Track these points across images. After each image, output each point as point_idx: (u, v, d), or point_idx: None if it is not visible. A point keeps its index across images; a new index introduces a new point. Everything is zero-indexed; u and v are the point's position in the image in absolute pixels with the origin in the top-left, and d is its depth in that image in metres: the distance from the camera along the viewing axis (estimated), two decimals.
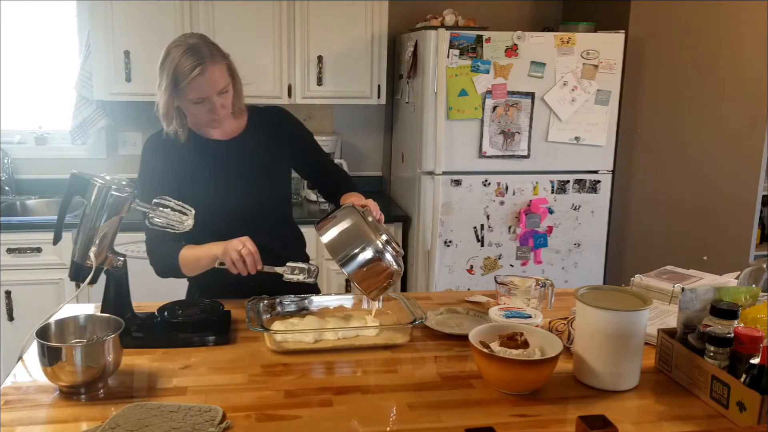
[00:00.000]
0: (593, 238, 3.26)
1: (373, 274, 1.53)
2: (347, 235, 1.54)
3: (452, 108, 3.00)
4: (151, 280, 2.89)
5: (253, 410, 1.26)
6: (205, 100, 1.69)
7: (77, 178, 1.53)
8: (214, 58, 1.68)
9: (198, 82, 1.65)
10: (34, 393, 1.32)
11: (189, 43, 1.67)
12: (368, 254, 1.51)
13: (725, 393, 1.25)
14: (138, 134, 3.52)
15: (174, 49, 1.67)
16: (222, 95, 1.71)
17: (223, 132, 1.85)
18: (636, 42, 3.24)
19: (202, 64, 1.64)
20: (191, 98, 1.69)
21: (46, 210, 3.32)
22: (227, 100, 1.73)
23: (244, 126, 1.89)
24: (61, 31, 3.43)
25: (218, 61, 1.69)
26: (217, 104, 1.70)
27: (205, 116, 1.74)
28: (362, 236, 1.53)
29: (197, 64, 1.63)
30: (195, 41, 1.68)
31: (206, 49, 1.67)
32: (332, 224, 1.57)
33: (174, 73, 1.65)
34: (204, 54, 1.65)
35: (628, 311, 1.34)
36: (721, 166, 3.43)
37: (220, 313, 1.67)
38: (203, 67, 1.64)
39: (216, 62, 1.68)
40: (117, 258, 1.56)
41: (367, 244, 1.52)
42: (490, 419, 1.25)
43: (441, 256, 3.14)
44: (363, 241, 1.52)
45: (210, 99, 1.69)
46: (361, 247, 1.51)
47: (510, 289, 1.75)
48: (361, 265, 1.51)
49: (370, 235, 1.53)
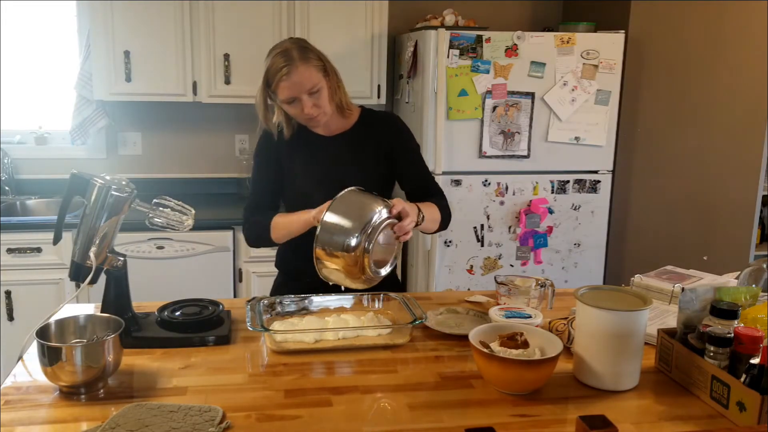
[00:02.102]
0: (593, 238, 3.26)
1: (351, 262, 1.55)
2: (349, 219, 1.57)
3: (452, 108, 3.01)
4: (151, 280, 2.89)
5: (253, 410, 1.26)
6: (296, 100, 1.77)
7: (77, 178, 1.53)
8: (305, 59, 1.75)
9: (286, 83, 1.74)
10: (34, 393, 1.32)
11: (282, 47, 1.78)
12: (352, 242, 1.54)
13: (725, 393, 1.25)
14: (138, 134, 3.53)
15: (270, 52, 1.79)
16: (313, 95, 1.77)
17: (328, 129, 1.92)
18: (636, 42, 3.24)
19: (290, 65, 1.73)
20: (282, 98, 1.78)
21: (46, 210, 3.32)
22: (320, 100, 1.78)
23: (351, 125, 1.93)
24: (61, 31, 3.43)
25: (309, 63, 1.75)
26: (308, 104, 1.77)
27: (300, 115, 1.81)
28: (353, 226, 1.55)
29: (284, 66, 1.73)
30: (288, 45, 1.78)
31: (297, 52, 1.75)
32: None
33: (266, 75, 1.78)
34: (293, 57, 1.74)
35: (628, 311, 1.34)
36: (721, 166, 3.43)
37: (220, 313, 1.67)
38: (290, 68, 1.73)
39: (306, 63, 1.75)
40: (117, 258, 1.56)
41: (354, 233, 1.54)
42: (490, 419, 1.25)
43: (441, 256, 3.14)
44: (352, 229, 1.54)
45: (300, 99, 1.76)
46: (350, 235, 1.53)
47: (510, 289, 1.75)
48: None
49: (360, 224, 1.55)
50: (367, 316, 1.68)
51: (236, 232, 3.07)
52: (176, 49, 3.13)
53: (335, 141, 1.92)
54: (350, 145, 1.92)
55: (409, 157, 1.96)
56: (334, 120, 1.90)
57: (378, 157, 1.92)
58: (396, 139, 1.94)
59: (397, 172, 1.96)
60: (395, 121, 1.98)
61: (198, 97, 3.21)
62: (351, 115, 1.93)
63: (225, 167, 3.65)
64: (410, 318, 1.60)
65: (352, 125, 1.93)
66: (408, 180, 1.98)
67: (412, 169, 1.97)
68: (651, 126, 3.36)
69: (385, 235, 1.60)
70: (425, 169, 2.00)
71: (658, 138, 3.38)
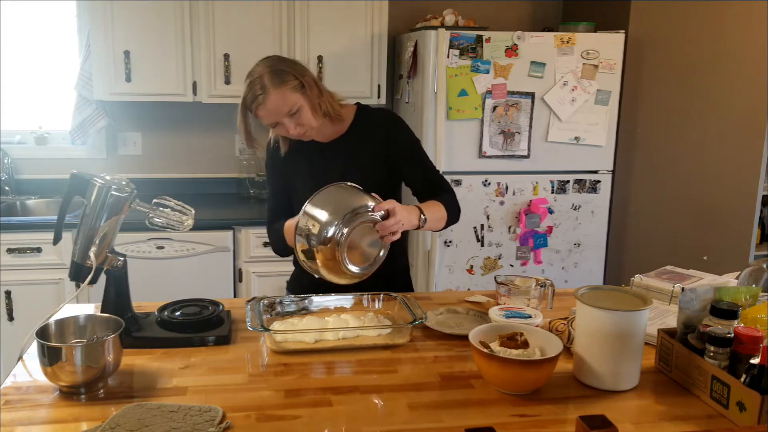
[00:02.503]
0: (593, 238, 3.26)
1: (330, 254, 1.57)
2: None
3: (452, 108, 3.01)
4: (151, 280, 2.90)
5: (253, 410, 1.26)
6: (279, 124, 1.78)
7: (77, 178, 1.53)
8: (278, 84, 1.72)
9: (263, 112, 1.74)
10: (34, 393, 1.32)
11: (255, 74, 1.75)
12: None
13: (725, 393, 1.25)
14: (138, 134, 3.53)
15: (246, 79, 1.77)
16: (294, 116, 1.76)
17: (323, 135, 1.91)
18: (636, 42, 3.24)
19: (263, 93, 1.72)
20: (265, 124, 1.79)
21: (46, 210, 3.32)
22: (302, 119, 1.77)
23: (346, 128, 1.92)
24: (61, 31, 3.43)
25: (283, 86, 1.73)
26: (291, 125, 1.76)
27: (287, 135, 1.82)
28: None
29: (259, 95, 1.72)
30: (260, 71, 1.75)
31: (268, 78, 1.72)
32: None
33: (243, 102, 1.77)
34: (265, 84, 1.72)
35: (628, 311, 1.34)
36: (721, 166, 3.43)
37: (220, 313, 1.67)
38: (264, 97, 1.72)
39: (279, 87, 1.72)
40: (117, 258, 1.56)
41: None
42: (490, 419, 1.25)
43: (441, 256, 3.14)
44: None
45: (282, 122, 1.77)
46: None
47: (510, 289, 1.75)
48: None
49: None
50: (367, 316, 1.68)
51: (236, 232, 3.07)
52: (176, 49, 3.13)
53: (332, 146, 1.91)
54: (348, 149, 1.90)
55: (409, 152, 1.93)
56: (327, 127, 1.89)
57: (376, 156, 1.90)
58: (393, 135, 1.91)
59: (398, 168, 1.93)
60: (390, 116, 1.95)
61: (198, 97, 3.21)
62: (344, 118, 1.91)
63: (225, 167, 3.65)
64: (410, 318, 1.60)
65: (347, 128, 1.92)
66: (411, 176, 1.95)
67: (413, 163, 1.93)
68: (651, 126, 3.36)
69: (365, 231, 1.59)
70: (428, 163, 1.96)
71: (658, 138, 3.38)
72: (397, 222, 1.61)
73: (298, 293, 1.84)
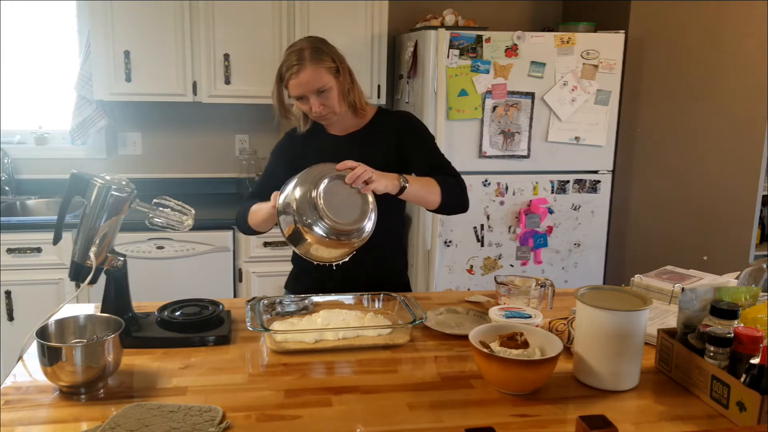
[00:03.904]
0: (593, 238, 3.26)
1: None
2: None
3: (452, 108, 3.01)
4: (151, 280, 2.89)
5: (253, 410, 1.26)
6: (305, 98, 1.83)
7: (77, 178, 1.53)
8: (316, 60, 1.79)
9: (294, 82, 1.80)
10: (34, 393, 1.32)
11: (298, 46, 1.83)
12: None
13: (725, 393, 1.25)
14: (138, 134, 3.53)
15: (287, 49, 1.86)
16: (321, 95, 1.81)
17: (341, 127, 1.95)
18: (636, 42, 3.24)
19: (300, 65, 1.78)
20: (291, 95, 1.85)
21: (46, 210, 3.32)
22: (328, 100, 1.82)
23: (364, 124, 1.95)
24: (61, 31, 3.43)
25: (319, 64, 1.79)
26: (316, 102, 1.82)
27: (309, 112, 1.87)
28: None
29: (295, 65, 1.79)
30: (303, 44, 1.83)
31: (309, 52, 1.80)
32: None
33: (279, 70, 1.84)
34: (305, 56, 1.79)
35: (628, 311, 1.34)
36: (721, 166, 3.43)
37: (220, 313, 1.67)
38: (299, 68, 1.78)
39: (316, 64, 1.79)
40: (117, 258, 1.56)
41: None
42: (490, 419, 1.25)
43: (441, 256, 3.14)
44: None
45: (308, 98, 1.82)
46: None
47: (510, 289, 1.75)
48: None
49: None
50: (368, 316, 1.68)
51: (236, 232, 3.07)
52: (176, 49, 3.13)
53: (347, 140, 1.95)
54: (362, 144, 1.93)
55: (420, 142, 1.94)
56: (348, 119, 1.93)
57: (389, 155, 1.92)
58: (404, 133, 1.93)
59: (409, 162, 1.93)
60: (408, 118, 1.99)
61: (198, 97, 3.21)
62: (365, 114, 1.95)
63: (225, 167, 3.65)
64: (410, 318, 1.60)
65: (365, 124, 1.95)
66: (417, 163, 1.94)
67: (421, 151, 1.94)
68: (651, 126, 3.36)
69: (340, 189, 1.59)
70: (438, 153, 1.96)
71: (658, 138, 3.38)
72: (365, 170, 1.62)
73: (297, 293, 1.84)
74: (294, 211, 1.55)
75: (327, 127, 1.96)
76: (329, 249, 1.60)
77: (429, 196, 1.82)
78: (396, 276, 2.04)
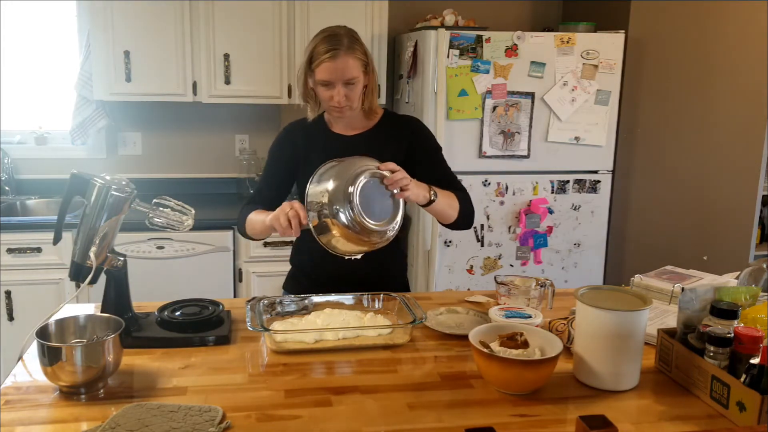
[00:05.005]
0: (593, 238, 3.26)
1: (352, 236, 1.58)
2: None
3: (452, 108, 3.01)
4: (151, 280, 2.89)
5: (253, 410, 1.26)
6: (330, 85, 1.78)
7: (77, 178, 1.53)
8: (351, 50, 1.76)
9: (327, 66, 1.75)
10: (34, 393, 1.32)
11: (334, 31, 1.79)
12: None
13: (725, 393, 1.25)
14: (138, 134, 3.53)
15: (319, 34, 1.80)
16: (348, 86, 1.78)
17: (349, 127, 1.92)
18: (636, 42, 3.24)
19: (336, 50, 1.74)
20: (319, 79, 1.78)
21: (46, 210, 3.32)
22: (352, 93, 1.79)
23: (372, 125, 1.93)
24: (61, 31, 3.43)
25: (354, 54, 1.76)
26: (341, 92, 1.77)
27: (329, 101, 1.81)
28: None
29: (331, 49, 1.74)
30: (340, 31, 1.79)
31: (346, 40, 1.76)
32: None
33: (310, 54, 1.78)
34: (342, 43, 1.75)
35: (628, 311, 1.34)
36: (721, 166, 3.43)
37: (220, 313, 1.67)
38: (336, 53, 1.74)
39: (351, 54, 1.76)
40: (117, 258, 1.56)
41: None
42: (490, 419, 1.25)
43: (441, 256, 3.14)
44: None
45: (335, 85, 1.77)
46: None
47: (510, 289, 1.75)
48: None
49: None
50: (367, 316, 1.68)
51: (236, 232, 3.07)
52: (176, 49, 3.13)
53: (354, 140, 1.92)
54: (368, 146, 1.90)
55: (429, 156, 1.94)
56: (358, 119, 1.91)
57: (396, 159, 1.85)
58: (415, 141, 1.92)
59: (417, 174, 1.90)
60: (415, 123, 1.97)
61: (198, 97, 3.21)
62: (374, 117, 1.94)
63: (225, 167, 3.65)
64: (410, 318, 1.60)
65: (372, 126, 1.93)
66: (426, 177, 1.92)
67: (431, 165, 1.94)
68: (651, 126, 3.36)
69: (375, 189, 1.59)
70: (447, 170, 1.97)
71: (658, 138, 3.38)
72: (405, 176, 1.62)
73: (296, 293, 1.84)
74: (326, 204, 1.56)
75: (331, 124, 1.94)
76: (350, 244, 1.61)
77: (449, 211, 1.83)
78: (392, 282, 2.00)
